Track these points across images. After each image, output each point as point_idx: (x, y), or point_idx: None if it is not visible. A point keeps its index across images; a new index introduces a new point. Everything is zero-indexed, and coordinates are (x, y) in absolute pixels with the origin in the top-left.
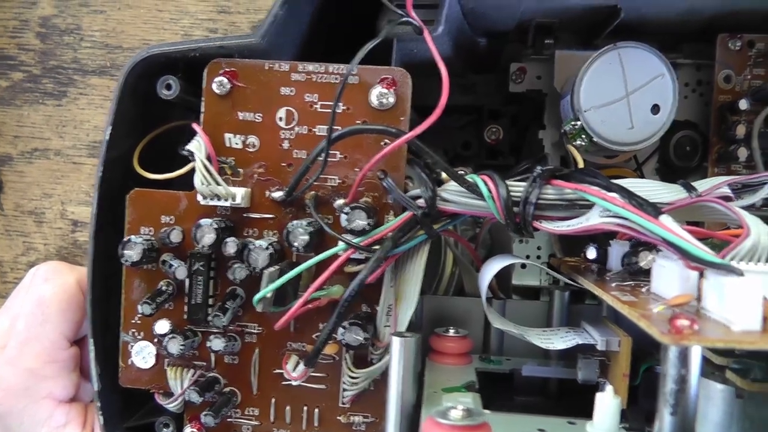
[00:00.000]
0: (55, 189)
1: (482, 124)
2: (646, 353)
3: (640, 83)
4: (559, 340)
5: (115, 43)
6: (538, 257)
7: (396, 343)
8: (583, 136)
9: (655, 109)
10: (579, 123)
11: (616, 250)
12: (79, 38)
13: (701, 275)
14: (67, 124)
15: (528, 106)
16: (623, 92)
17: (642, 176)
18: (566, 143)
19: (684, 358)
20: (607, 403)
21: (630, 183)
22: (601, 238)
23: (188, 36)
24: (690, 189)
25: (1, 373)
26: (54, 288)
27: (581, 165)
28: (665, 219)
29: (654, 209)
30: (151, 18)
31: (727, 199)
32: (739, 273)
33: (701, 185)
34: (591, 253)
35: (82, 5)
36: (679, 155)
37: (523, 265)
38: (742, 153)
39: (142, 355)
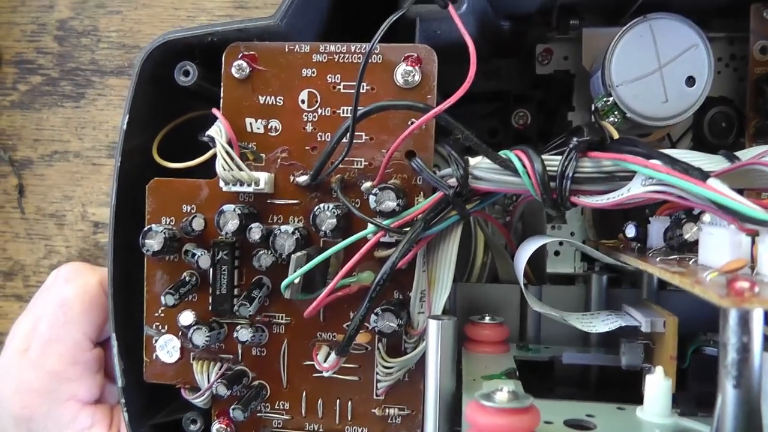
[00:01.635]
0: (75, 191)
1: (509, 109)
2: (693, 335)
3: (673, 55)
4: (600, 323)
5: (132, 43)
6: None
7: (432, 326)
8: (616, 113)
9: (690, 81)
10: (611, 99)
11: (657, 227)
12: (97, 39)
13: (753, 241)
14: (86, 126)
15: (555, 89)
16: (656, 65)
17: None
18: (598, 120)
19: (745, 323)
20: (658, 386)
21: (671, 152)
22: (639, 216)
23: None
24: (732, 158)
25: (24, 376)
26: (76, 289)
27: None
28: (714, 182)
29: (701, 173)
30: (167, 17)
31: None
32: None
33: (744, 155)
34: (630, 231)
35: (98, 6)
36: (714, 132)
37: (557, 253)
38: None
39: (166, 349)
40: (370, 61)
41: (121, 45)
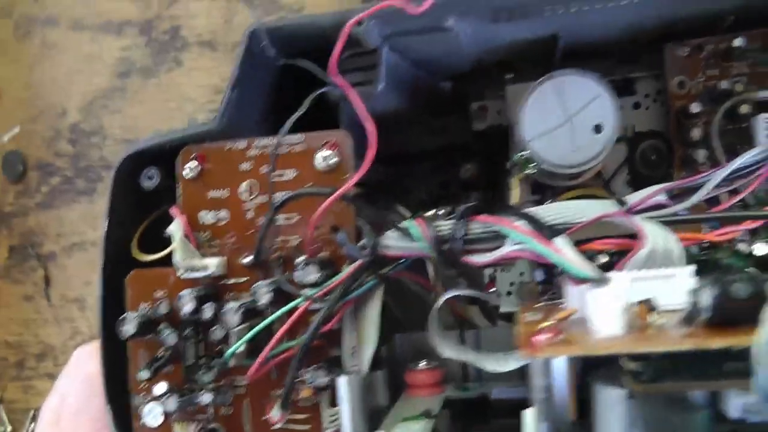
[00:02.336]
0: (92, 277)
1: (457, 163)
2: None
3: (579, 107)
4: (513, 361)
5: (134, 136)
6: (522, 283)
7: (341, 381)
8: (531, 165)
9: (598, 128)
10: (527, 153)
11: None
12: (103, 138)
13: None
14: (98, 217)
15: (494, 142)
16: (563, 118)
17: (610, 191)
18: (511, 176)
19: (547, 368)
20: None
21: (562, 206)
22: None
23: (194, 120)
24: (621, 203)
25: None
26: (97, 364)
27: (515, 199)
28: (558, 241)
29: (551, 232)
30: (159, 109)
31: (661, 207)
32: (603, 282)
33: (635, 197)
34: (538, 275)
35: (102, 108)
36: (647, 165)
37: (509, 293)
38: (701, 155)
39: (152, 415)
40: (294, 150)
41: (124, 140)
